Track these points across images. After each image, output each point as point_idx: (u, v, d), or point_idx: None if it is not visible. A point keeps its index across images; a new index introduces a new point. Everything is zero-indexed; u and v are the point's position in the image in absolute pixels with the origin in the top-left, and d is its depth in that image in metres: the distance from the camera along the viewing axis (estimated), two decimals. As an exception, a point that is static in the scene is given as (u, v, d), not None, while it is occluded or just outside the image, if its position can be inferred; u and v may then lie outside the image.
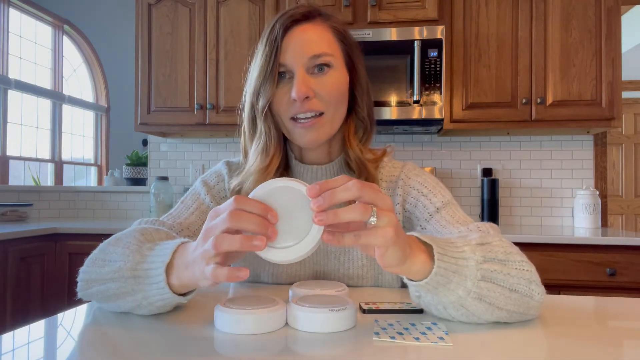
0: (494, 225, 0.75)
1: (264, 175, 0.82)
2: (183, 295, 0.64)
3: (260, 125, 0.83)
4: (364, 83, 0.87)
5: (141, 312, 0.67)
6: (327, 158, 0.90)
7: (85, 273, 0.69)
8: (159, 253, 0.64)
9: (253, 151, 0.85)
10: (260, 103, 0.81)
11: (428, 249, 0.60)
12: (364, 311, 0.69)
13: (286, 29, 0.80)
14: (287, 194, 0.55)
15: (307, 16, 0.82)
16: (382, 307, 0.70)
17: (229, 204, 0.54)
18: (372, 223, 0.52)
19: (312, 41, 0.80)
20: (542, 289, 0.65)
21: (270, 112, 0.82)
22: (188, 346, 0.56)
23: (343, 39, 0.85)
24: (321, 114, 0.80)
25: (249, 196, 0.55)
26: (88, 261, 0.71)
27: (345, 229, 0.54)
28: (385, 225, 0.52)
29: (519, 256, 0.65)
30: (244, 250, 0.53)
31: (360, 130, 0.88)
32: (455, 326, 0.63)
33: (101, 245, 0.72)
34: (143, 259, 0.64)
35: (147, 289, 0.63)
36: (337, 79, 0.81)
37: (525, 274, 0.63)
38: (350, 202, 0.53)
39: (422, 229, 0.84)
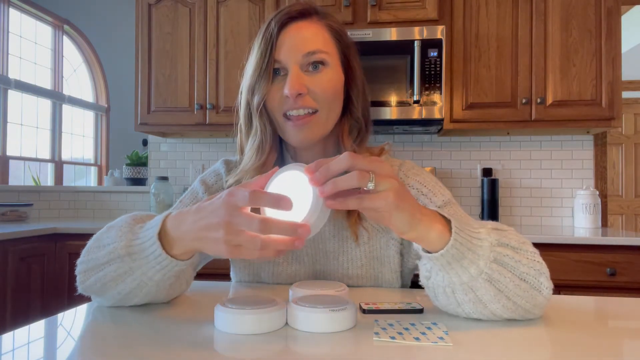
0: (498, 223, 0.75)
1: (260, 172, 0.81)
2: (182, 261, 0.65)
3: (255, 122, 0.83)
4: (360, 83, 0.87)
5: (142, 293, 0.67)
6: (321, 158, 0.89)
7: (82, 263, 0.70)
8: (149, 227, 0.65)
9: (249, 149, 0.85)
10: (256, 100, 0.81)
11: (447, 223, 0.62)
12: (364, 311, 0.69)
13: (282, 25, 0.80)
14: (288, 180, 0.58)
15: (303, 14, 0.82)
16: (382, 307, 0.70)
17: (245, 197, 0.54)
18: (370, 188, 0.55)
19: (307, 38, 0.80)
20: (550, 284, 0.65)
21: (265, 109, 0.82)
22: (188, 346, 0.56)
23: (339, 37, 0.84)
24: (315, 111, 0.80)
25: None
26: (84, 252, 0.72)
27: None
28: (386, 190, 0.55)
29: (532, 248, 0.66)
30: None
31: (355, 130, 0.87)
32: (455, 326, 0.63)
33: (94, 235, 0.73)
34: (135, 236, 0.65)
35: (143, 263, 0.64)
36: (331, 77, 0.81)
37: (536, 265, 0.64)
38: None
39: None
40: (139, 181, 3.12)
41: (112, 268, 0.65)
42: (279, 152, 0.88)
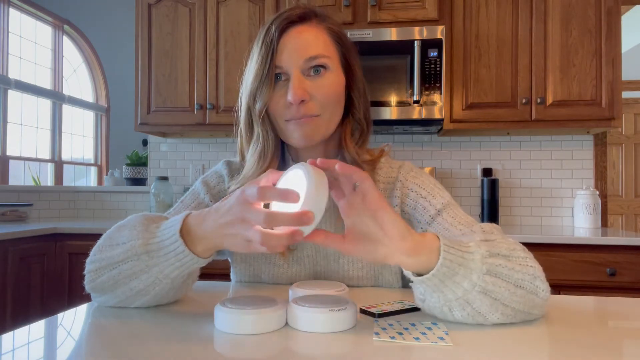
0: (497, 226, 0.75)
1: None
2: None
3: (257, 128, 0.82)
4: (361, 85, 0.87)
5: (153, 292, 0.67)
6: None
7: (93, 262, 0.70)
8: (167, 226, 0.65)
9: (250, 155, 0.84)
10: (257, 106, 0.80)
11: (435, 243, 0.62)
12: (363, 311, 0.69)
13: (282, 30, 0.80)
14: (293, 179, 0.60)
15: (303, 17, 0.82)
16: (382, 307, 0.70)
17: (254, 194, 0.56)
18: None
19: (308, 43, 0.79)
20: (546, 285, 0.66)
21: (267, 115, 0.82)
22: (188, 346, 0.56)
23: (339, 40, 0.84)
24: (316, 115, 0.80)
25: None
26: (94, 251, 0.71)
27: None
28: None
29: (523, 252, 0.67)
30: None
31: (357, 132, 0.87)
32: (455, 326, 0.63)
33: (104, 235, 0.73)
34: (152, 235, 0.66)
35: (162, 260, 0.64)
36: (333, 80, 0.81)
37: (529, 270, 0.65)
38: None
39: (424, 232, 0.84)
40: (139, 181, 3.12)
41: (127, 266, 0.66)
42: (280, 158, 0.87)
